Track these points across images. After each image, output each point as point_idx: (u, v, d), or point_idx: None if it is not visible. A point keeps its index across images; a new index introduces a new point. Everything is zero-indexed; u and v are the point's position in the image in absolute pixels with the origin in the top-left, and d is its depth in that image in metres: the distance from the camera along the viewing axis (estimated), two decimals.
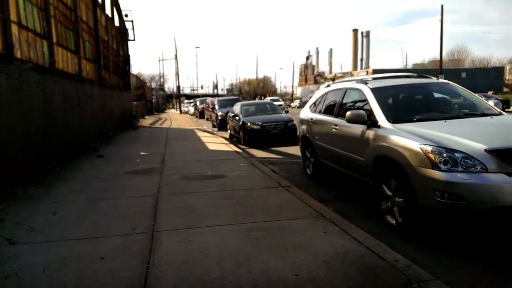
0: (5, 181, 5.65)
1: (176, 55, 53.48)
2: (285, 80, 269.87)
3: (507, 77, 69.60)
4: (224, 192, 5.85)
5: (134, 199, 5.63)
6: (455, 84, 5.87)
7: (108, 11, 18.91)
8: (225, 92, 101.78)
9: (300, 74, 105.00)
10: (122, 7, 23.13)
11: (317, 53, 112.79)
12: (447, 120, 4.70)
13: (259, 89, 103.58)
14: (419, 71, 60.12)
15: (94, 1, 14.75)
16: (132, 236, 4.05)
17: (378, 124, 4.86)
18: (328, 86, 7.54)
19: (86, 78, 12.41)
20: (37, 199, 5.80)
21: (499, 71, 64.62)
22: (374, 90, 5.44)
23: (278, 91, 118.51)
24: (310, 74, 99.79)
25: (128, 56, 25.50)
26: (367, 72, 62.82)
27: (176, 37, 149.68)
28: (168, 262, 3.39)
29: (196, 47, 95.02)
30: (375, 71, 60.06)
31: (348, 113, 5.25)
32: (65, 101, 9.27)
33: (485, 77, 59.10)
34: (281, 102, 57.59)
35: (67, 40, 10.69)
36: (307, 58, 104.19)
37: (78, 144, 10.27)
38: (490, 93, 37.85)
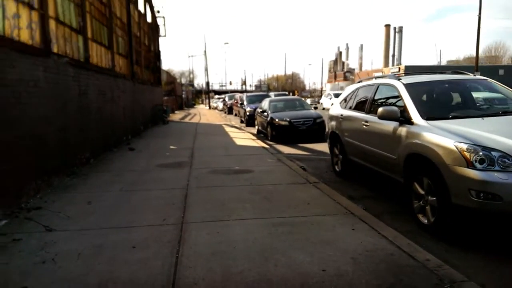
0: (43, 171, 5.93)
1: (205, 51, 54.22)
2: (314, 76, 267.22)
3: None
4: (251, 187, 5.89)
5: (164, 191, 5.77)
6: (493, 80, 5.62)
7: (141, 7, 19.35)
8: (253, 88, 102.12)
9: (329, 71, 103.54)
10: (154, 3, 23.60)
11: (347, 49, 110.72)
12: (484, 118, 4.52)
13: (287, 85, 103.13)
14: (454, 67, 57.90)
15: None
16: (163, 227, 4.15)
17: (412, 120, 4.73)
18: (360, 81, 7.41)
19: (119, 73, 12.77)
20: (72, 189, 6.05)
21: None
22: (408, 86, 5.29)
23: (307, 88, 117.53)
24: (340, 71, 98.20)
25: (159, 52, 26.02)
26: (399, 68, 61.08)
27: (205, 33, 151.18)
28: (197, 252, 3.46)
29: (225, 43, 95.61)
30: (407, 68, 58.36)
31: (380, 109, 5.13)
32: (99, 95, 9.58)
33: None
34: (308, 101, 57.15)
35: (101, 36, 11.03)
36: (337, 54, 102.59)
37: (111, 137, 10.60)
38: None
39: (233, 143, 11.85)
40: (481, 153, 3.64)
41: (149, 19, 22.30)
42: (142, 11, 19.88)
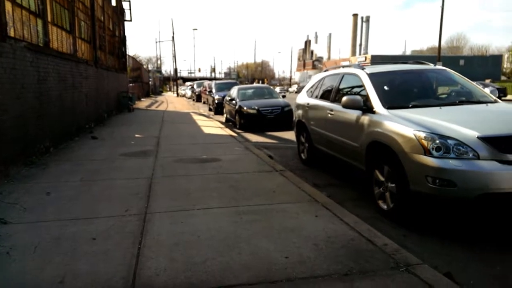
0: None
1: (173, 37, 52.89)
2: (284, 65, 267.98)
3: (505, 66, 69.38)
4: (218, 176, 5.86)
5: (128, 181, 5.63)
6: (452, 70, 5.84)
7: None
8: (222, 75, 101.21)
9: (299, 59, 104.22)
10: None
11: (316, 37, 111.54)
12: (442, 107, 4.70)
13: (257, 73, 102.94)
14: (418, 57, 59.81)
15: None
16: (125, 218, 4.06)
17: (374, 109, 4.85)
18: (326, 70, 7.50)
19: (81, 59, 12.24)
20: (30, 179, 5.78)
21: (497, 59, 64.37)
22: (371, 76, 5.40)
23: (276, 76, 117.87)
24: (309, 59, 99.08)
25: (125, 37, 25.14)
26: (366, 58, 62.45)
27: (173, 18, 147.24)
28: (159, 243, 3.41)
29: (194, 29, 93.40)
30: (374, 57, 59.79)
31: (344, 98, 5.22)
32: (59, 81, 9.16)
33: (483, 65, 58.97)
34: (277, 89, 57.49)
35: (62, 19, 10.50)
36: (306, 42, 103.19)
37: (72, 125, 10.20)
38: (487, 81, 37.87)
39: (201, 131, 11.73)
40: (437, 141, 3.79)
41: (114, 2, 21.46)
42: None
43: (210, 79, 75.80)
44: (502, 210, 4.30)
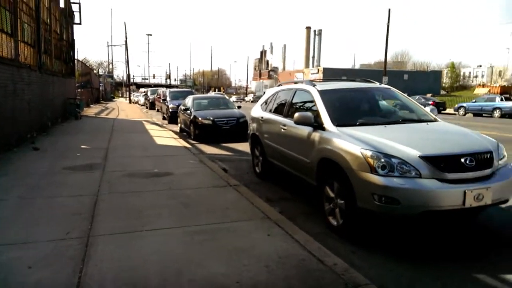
0: None
1: (126, 42, 51.27)
2: (240, 73, 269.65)
3: (444, 81, 74.75)
4: (170, 192, 5.69)
5: (70, 198, 5.30)
6: (396, 90, 6.15)
7: None
8: (178, 82, 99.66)
9: (255, 69, 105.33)
10: None
11: (271, 48, 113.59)
12: (386, 126, 4.89)
13: (213, 81, 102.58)
14: (366, 71, 62.85)
15: None
16: (65, 241, 3.79)
17: (324, 126, 4.96)
18: (279, 85, 7.60)
19: (23, 64, 11.48)
20: None
21: (437, 74, 69.36)
22: (322, 93, 5.54)
23: (233, 84, 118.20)
24: (264, 69, 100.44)
25: (73, 40, 24.04)
26: (318, 70, 64.57)
27: (127, 22, 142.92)
28: (102, 270, 3.21)
29: (148, 35, 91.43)
30: (326, 70, 61.99)
31: (296, 114, 5.30)
32: None
33: (425, 80, 63.08)
34: (233, 98, 57.79)
35: (2, 21, 9.79)
36: (262, 52, 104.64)
37: (11, 135, 9.49)
38: (428, 95, 40.52)
39: (153, 142, 11.40)
40: (382, 160, 3.94)
41: (62, 4, 20.43)
42: None
43: (165, 86, 74.36)
44: (443, 226, 4.56)
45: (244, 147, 10.43)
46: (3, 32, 9.82)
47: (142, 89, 58.56)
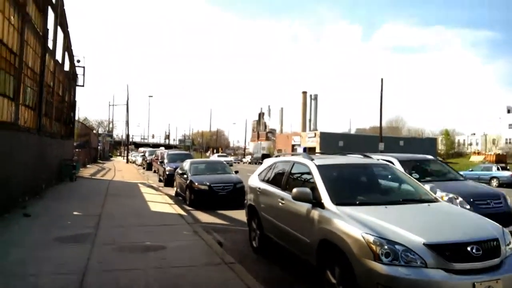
0: None
1: (127, 103, 52.61)
2: (238, 134, 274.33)
3: (439, 147, 75.92)
4: (161, 271, 5.38)
5: (56, 277, 4.97)
6: (395, 167, 6.12)
7: (59, 55, 18.34)
8: (177, 142, 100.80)
9: (253, 130, 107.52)
10: (75, 52, 22.66)
11: (269, 111, 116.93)
12: (387, 206, 4.73)
13: (212, 141, 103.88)
14: (363, 137, 64.23)
15: (44, 47, 14.28)
16: None
17: (323, 204, 4.82)
18: (277, 156, 7.58)
19: (23, 127, 11.58)
20: None
21: (433, 141, 70.97)
22: (320, 168, 5.47)
23: (231, 145, 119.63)
24: (262, 131, 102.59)
25: (75, 102, 24.62)
26: (315, 134, 65.92)
27: (129, 83, 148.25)
28: None
29: (150, 96, 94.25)
30: (323, 134, 63.34)
31: (294, 190, 5.17)
32: None
33: (421, 146, 64.02)
34: (230, 158, 58.14)
35: (5, 86, 10.04)
36: (259, 115, 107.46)
37: (3, 200, 9.23)
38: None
39: (148, 208, 11.12)
40: (386, 247, 3.75)
41: (67, 67, 21.19)
42: (60, 60, 18.87)
43: (164, 145, 75.11)
44: None
45: (241, 215, 10.14)
46: (5, 96, 10.01)
47: (141, 149, 58.99)
